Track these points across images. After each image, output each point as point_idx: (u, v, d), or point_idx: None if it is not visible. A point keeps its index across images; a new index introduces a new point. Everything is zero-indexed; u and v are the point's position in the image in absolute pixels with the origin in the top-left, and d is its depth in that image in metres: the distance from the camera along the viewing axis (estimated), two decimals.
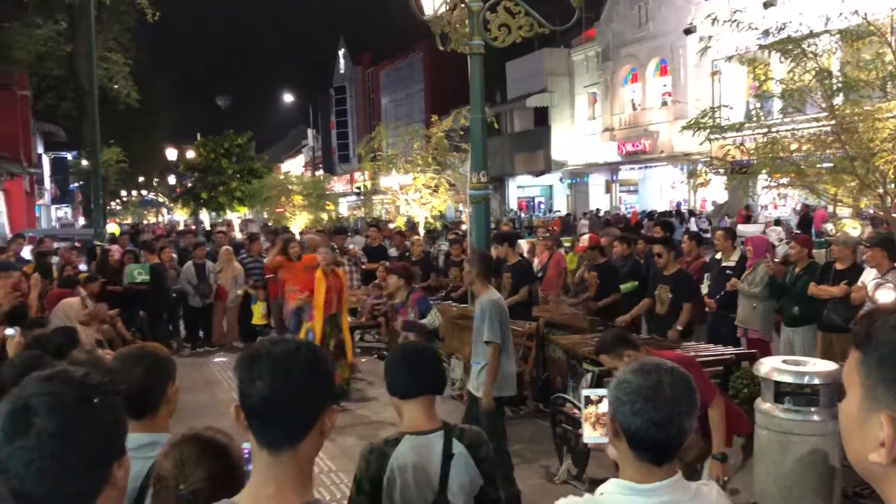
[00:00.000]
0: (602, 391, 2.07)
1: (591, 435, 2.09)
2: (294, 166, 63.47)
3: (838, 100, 8.52)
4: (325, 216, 25.36)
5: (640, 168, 31.47)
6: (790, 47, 8.33)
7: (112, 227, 24.53)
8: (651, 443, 1.77)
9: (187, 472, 1.94)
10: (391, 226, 19.62)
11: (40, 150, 29.18)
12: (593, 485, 5.90)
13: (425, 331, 7.05)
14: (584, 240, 9.66)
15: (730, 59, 10.54)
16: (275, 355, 1.58)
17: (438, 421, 2.75)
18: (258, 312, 11.91)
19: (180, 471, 1.95)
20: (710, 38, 9.30)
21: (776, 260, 8.68)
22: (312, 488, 1.65)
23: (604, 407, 2.03)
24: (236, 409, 1.60)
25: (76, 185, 34.23)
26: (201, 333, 12.39)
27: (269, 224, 25.27)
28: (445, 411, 3.25)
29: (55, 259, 11.68)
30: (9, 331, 5.11)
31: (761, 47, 9.40)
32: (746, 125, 9.99)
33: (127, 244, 14.39)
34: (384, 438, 2.73)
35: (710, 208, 27.64)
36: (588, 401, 2.09)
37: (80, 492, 1.36)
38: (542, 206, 40.06)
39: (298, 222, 24.18)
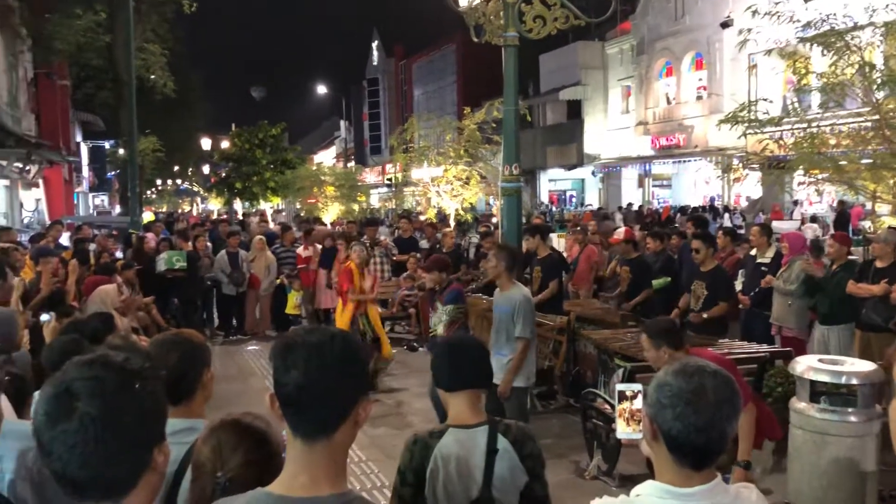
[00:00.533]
0: (637, 386, 2.04)
1: (625, 430, 2.06)
2: (326, 157, 63.87)
3: (881, 94, 8.34)
4: (356, 207, 25.47)
5: (674, 162, 31.09)
6: (833, 40, 8.16)
7: (147, 216, 24.90)
8: (692, 447, 1.73)
9: (224, 458, 1.94)
10: (422, 217, 19.63)
11: (79, 138, 29.66)
12: (623, 481, 5.90)
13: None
14: (620, 233, 9.58)
15: (769, 52, 10.35)
16: (310, 344, 1.58)
17: (483, 415, 2.74)
18: (292, 301, 12.00)
19: (217, 457, 1.95)
20: (749, 30, 9.15)
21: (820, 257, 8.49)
22: (346, 478, 1.66)
23: (639, 403, 2.00)
24: (271, 398, 1.61)
25: (113, 173, 34.76)
26: (234, 322, 12.53)
27: (302, 214, 25.46)
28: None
29: (92, 246, 11.87)
30: (44, 316, 5.20)
31: (802, 40, 9.22)
32: (785, 120, 9.81)
33: (161, 231, 14.57)
34: (429, 430, 2.73)
35: (744, 204, 27.25)
36: (622, 396, 2.05)
37: (123, 476, 1.38)
38: (574, 199, 39.81)
39: (330, 213, 24.32)
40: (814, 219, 21.83)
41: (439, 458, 2.60)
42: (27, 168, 16.97)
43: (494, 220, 17.33)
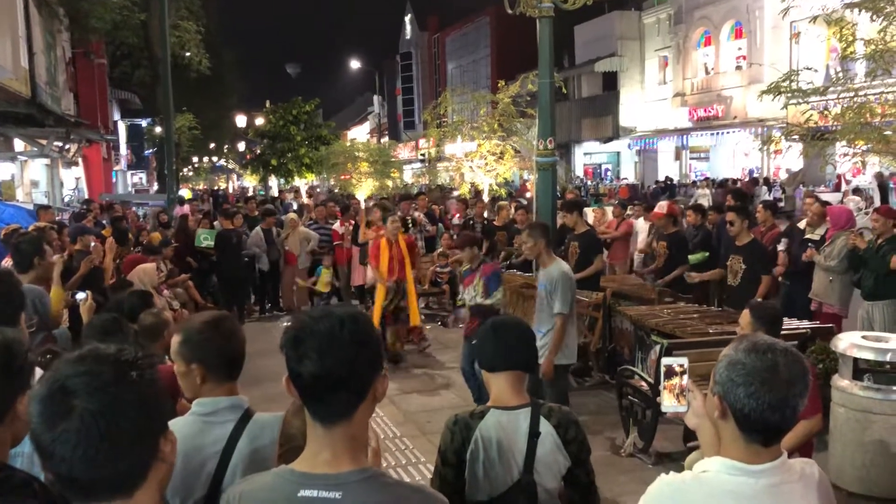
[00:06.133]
0: (683, 360, 2.06)
1: (671, 404, 2.05)
2: (360, 133, 63.88)
3: None
4: (389, 183, 25.47)
5: (712, 134, 30.52)
6: (882, 5, 7.88)
7: (184, 193, 25.19)
8: (764, 425, 1.75)
9: None
10: (455, 193, 19.55)
11: (116, 117, 30.00)
12: (659, 458, 5.83)
13: (482, 311, 6.65)
14: (662, 206, 9.39)
15: (814, 19, 10.00)
16: (321, 333, 1.57)
17: (526, 397, 2.68)
18: (324, 279, 12.04)
19: None
20: None
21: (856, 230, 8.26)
22: (366, 454, 1.69)
23: (686, 378, 2.03)
24: (287, 382, 1.61)
25: (150, 151, 35.19)
26: (269, 298, 12.62)
27: (335, 191, 25.53)
28: None
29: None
30: (80, 294, 5.25)
31: (849, 5, 8.92)
32: (830, 89, 9.51)
33: (196, 208, 14.68)
34: (470, 411, 2.69)
35: (783, 176, 26.72)
36: (671, 371, 2.05)
37: (131, 471, 1.33)
38: (609, 173, 39.35)
39: (364, 189, 24.36)
40: (856, 191, 21.34)
41: (480, 440, 2.56)
42: (66, 147, 17.22)
43: (528, 194, 17.21)
